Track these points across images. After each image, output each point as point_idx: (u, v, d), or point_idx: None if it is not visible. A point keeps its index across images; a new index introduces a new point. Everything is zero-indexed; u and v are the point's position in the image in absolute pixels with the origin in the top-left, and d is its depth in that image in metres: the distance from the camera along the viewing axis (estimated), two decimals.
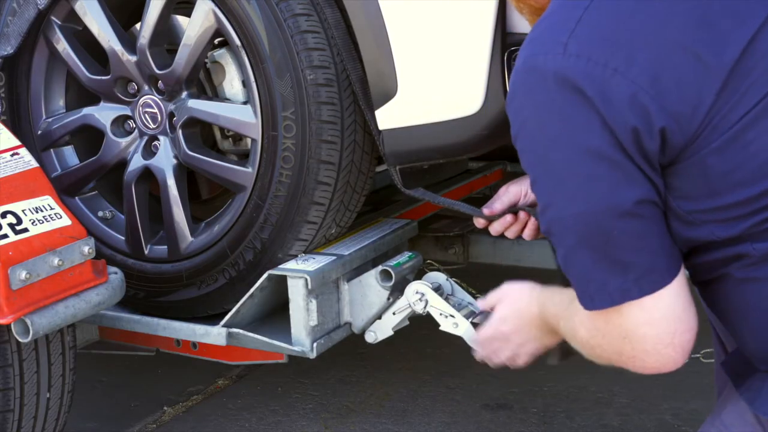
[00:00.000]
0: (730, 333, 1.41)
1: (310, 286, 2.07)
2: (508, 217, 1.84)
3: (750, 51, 1.23)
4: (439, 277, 2.12)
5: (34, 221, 1.92)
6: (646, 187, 1.24)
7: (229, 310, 2.21)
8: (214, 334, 2.23)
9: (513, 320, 1.60)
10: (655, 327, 1.27)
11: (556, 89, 1.24)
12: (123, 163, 2.38)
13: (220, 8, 2.12)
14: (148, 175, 2.35)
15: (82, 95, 2.49)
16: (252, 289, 2.15)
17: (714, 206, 1.26)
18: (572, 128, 1.24)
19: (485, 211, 1.84)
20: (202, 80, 2.30)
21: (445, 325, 2.06)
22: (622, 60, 1.22)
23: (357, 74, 2.06)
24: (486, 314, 1.96)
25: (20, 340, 1.88)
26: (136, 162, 2.35)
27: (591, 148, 1.23)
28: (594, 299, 1.29)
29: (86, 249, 1.97)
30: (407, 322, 2.18)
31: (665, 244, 1.28)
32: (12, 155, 2.03)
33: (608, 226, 1.25)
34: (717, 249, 1.29)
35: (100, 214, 2.47)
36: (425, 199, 2.15)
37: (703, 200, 1.26)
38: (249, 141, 2.20)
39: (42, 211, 1.95)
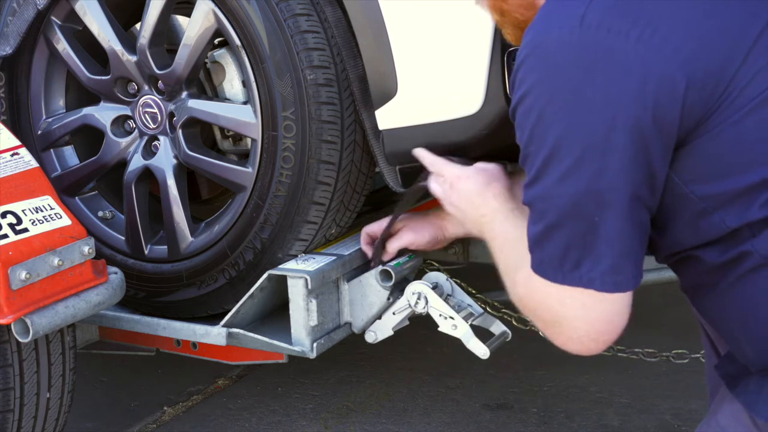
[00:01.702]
0: (725, 340, 1.41)
1: (310, 286, 2.07)
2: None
3: (765, 33, 1.22)
4: (439, 277, 2.13)
5: (34, 221, 1.92)
6: (647, 180, 1.22)
7: (229, 310, 2.21)
8: (214, 334, 2.23)
9: (471, 187, 1.65)
10: (590, 325, 1.29)
11: (569, 61, 1.20)
12: (123, 163, 2.38)
13: (220, 8, 2.12)
14: (148, 175, 2.35)
15: (82, 95, 2.49)
16: (252, 289, 2.15)
17: (728, 189, 1.23)
18: (583, 101, 1.20)
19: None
20: (202, 80, 2.30)
21: (444, 327, 2.06)
22: (644, 29, 1.18)
23: (357, 73, 2.06)
24: (485, 316, 2.00)
25: (20, 340, 1.88)
26: (136, 162, 2.35)
27: (597, 124, 1.19)
28: (555, 272, 1.28)
29: (86, 249, 1.97)
30: (407, 322, 2.17)
31: (636, 248, 1.26)
32: (12, 155, 2.03)
33: (596, 213, 1.23)
34: (716, 250, 1.28)
35: (100, 214, 2.47)
36: None
37: (717, 182, 1.23)
38: (249, 141, 2.20)
39: (42, 211, 1.95)
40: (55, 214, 1.97)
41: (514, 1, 1.41)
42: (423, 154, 1.89)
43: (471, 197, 1.64)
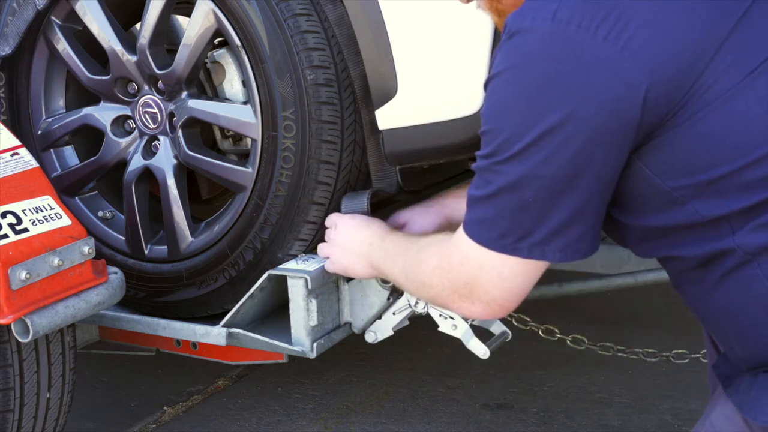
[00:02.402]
0: (716, 337, 1.42)
1: (310, 286, 2.07)
2: None
3: (742, 23, 1.23)
4: None
5: (34, 221, 1.92)
6: (594, 172, 1.26)
7: (229, 310, 2.21)
8: (214, 334, 2.23)
9: (354, 224, 1.90)
10: (503, 291, 1.39)
11: (541, 51, 1.25)
12: (123, 163, 2.38)
13: (220, 8, 2.12)
14: (148, 175, 2.35)
15: (82, 95, 2.49)
16: (252, 289, 2.15)
17: (699, 181, 1.25)
18: (549, 90, 1.25)
19: None
20: (202, 80, 2.30)
21: (444, 327, 2.06)
22: (613, 25, 1.21)
23: (358, 71, 2.06)
24: None
25: (20, 340, 1.88)
26: (136, 162, 2.35)
27: (557, 114, 1.24)
28: (482, 236, 1.36)
29: (86, 249, 1.97)
30: (407, 322, 2.17)
31: (572, 232, 1.31)
32: (12, 155, 2.03)
33: (534, 195, 1.29)
34: (693, 243, 1.29)
35: (100, 214, 2.47)
36: None
37: (687, 176, 1.26)
38: (249, 141, 2.20)
39: (42, 211, 1.95)
40: (55, 214, 1.97)
41: (507, 1, 1.44)
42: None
43: (356, 230, 1.88)
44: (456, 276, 1.44)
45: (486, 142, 1.33)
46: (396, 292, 2.12)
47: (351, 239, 1.88)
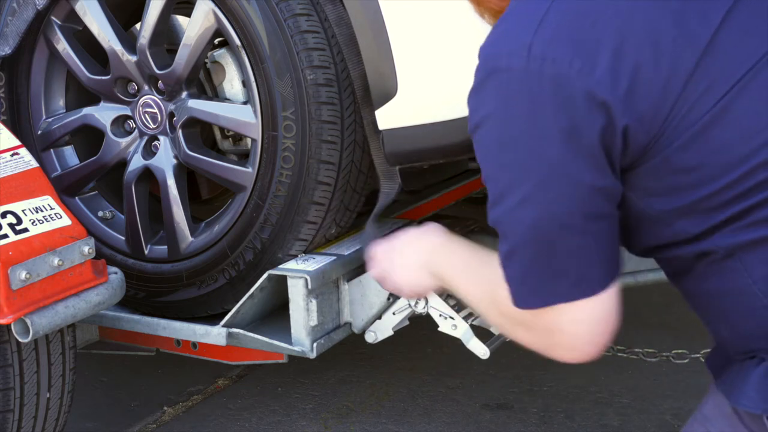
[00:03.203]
0: (705, 323, 1.43)
1: (310, 286, 2.07)
2: None
3: (710, 49, 1.23)
4: None
5: (34, 221, 1.92)
6: (602, 198, 1.25)
7: (229, 310, 2.21)
8: (214, 334, 2.23)
9: (408, 239, 1.68)
10: (581, 326, 1.31)
11: (520, 92, 1.24)
12: (123, 163, 2.38)
13: (220, 8, 2.12)
14: (148, 175, 2.35)
15: (82, 95, 2.49)
16: (252, 289, 2.15)
17: (683, 204, 1.26)
18: (535, 131, 1.24)
19: None
20: (202, 80, 2.30)
21: (444, 327, 2.06)
22: (586, 60, 1.21)
23: (358, 71, 2.06)
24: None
25: (20, 340, 1.88)
26: (136, 162, 2.35)
27: (550, 153, 1.23)
28: (527, 301, 1.32)
29: (86, 249, 1.97)
30: (407, 322, 2.17)
31: (606, 255, 1.29)
32: (12, 155, 2.03)
33: (555, 234, 1.26)
34: (686, 245, 1.30)
35: (100, 214, 2.47)
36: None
37: (672, 199, 1.27)
38: (249, 141, 2.20)
39: (42, 211, 1.95)
40: (55, 214, 1.97)
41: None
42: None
43: (412, 244, 1.67)
44: (536, 335, 1.37)
45: (490, 188, 1.32)
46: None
47: (409, 257, 1.68)
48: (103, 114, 2.39)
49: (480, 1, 1.46)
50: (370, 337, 2.18)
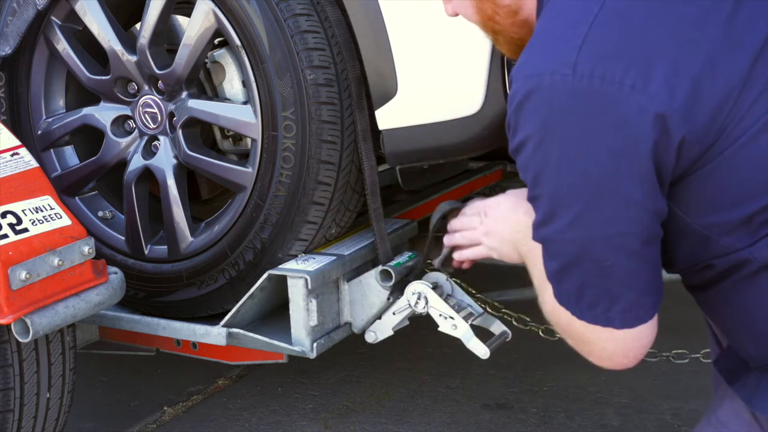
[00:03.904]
0: (728, 337, 1.42)
1: (310, 286, 2.07)
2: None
3: (762, 56, 1.22)
4: (439, 277, 2.12)
5: (34, 221, 1.92)
6: (653, 219, 1.23)
7: (229, 310, 2.21)
8: (214, 334, 2.23)
9: (503, 209, 1.59)
10: (618, 346, 1.31)
11: (566, 111, 1.20)
12: (123, 163, 2.38)
13: (220, 8, 2.12)
14: (148, 175, 2.35)
15: (82, 95, 2.49)
16: (252, 289, 2.15)
17: (730, 219, 1.24)
18: (584, 151, 1.21)
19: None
20: (202, 80, 2.30)
21: (444, 327, 2.06)
22: (639, 75, 1.18)
23: (355, 73, 2.06)
24: (485, 317, 1.96)
25: (20, 340, 1.88)
26: (136, 162, 2.35)
27: (600, 173, 1.21)
28: (575, 310, 1.31)
29: (86, 249, 1.97)
30: (407, 322, 2.17)
31: (655, 281, 1.28)
32: (12, 155, 2.03)
33: (607, 255, 1.24)
34: (724, 257, 1.28)
35: (100, 214, 2.47)
36: None
37: (717, 213, 1.25)
38: (249, 141, 2.20)
39: (42, 211, 1.95)
40: (55, 214, 1.97)
41: (504, 21, 1.41)
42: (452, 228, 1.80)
43: (505, 216, 1.60)
44: (570, 334, 1.37)
45: (538, 208, 1.29)
46: (396, 292, 2.13)
47: (502, 225, 1.61)
48: (103, 114, 2.39)
49: (497, 30, 1.43)
50: (370, 337, 2.18)
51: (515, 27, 1.40)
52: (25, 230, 1.90)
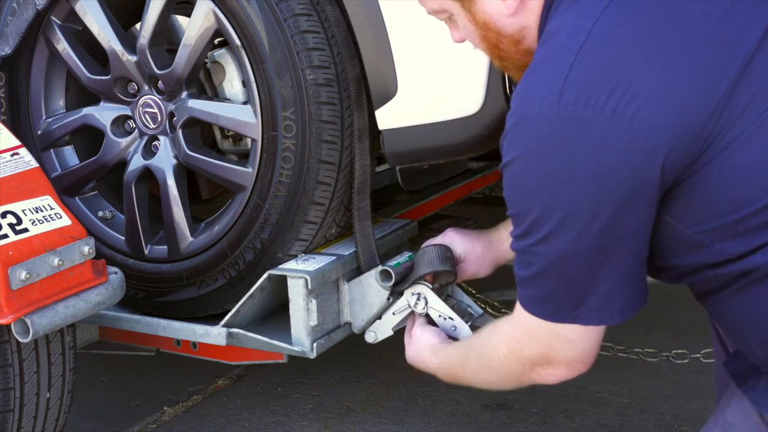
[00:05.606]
0: (736, 342, 1.42)
1: (310, 286, 2.07)
2: None
3: (747, 71, 1.23)
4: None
5: (34, 221, 1.92)
6: (627, 234, 1.27)
7: (229, 310, 2.21)
8: (214, 334, 2.23)
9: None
10: (576, 353, 1.42)
11: (551, 135, 1.25)
12: (123, 163, 2.38)
13: (220, 8, 2.12)
14: (148, 175, 2.35)
15: (82, 95, 2.49)
16: (252, 289, 2.15)
17: (721, 224, 1.26)
18: (564, 173, 1.25)
19: None
20: (202, 80, 2.30)
21: (444, 327, 2.06)
22: (621, 99, 1.21)
23: (354, 73, 2.06)
24: (485, 317, 1.98)
25: (20, 340, 1.88)
26: (136, 162, 2.35)
27: (576, 194, 1.25)
28: (540, 310, 1.38)
29: (86, 249, 1.97)
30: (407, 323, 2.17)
31: (626, 290, 1.34)
32: (12, 155, 2.03)
33: (577, 269, 1.30)
34: (726, 266, 1.30)
35: (100, 214, 2.47)
36: None
37: (709, 220, 1.27)
38: (249, 141, 2.20)
39: (42, 211, 1.95)
40: (55, 214, 1.97)
41: (509, 49, 1.46)
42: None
43: (416, 340, 1.85)
44: (530, 351, 1.45)
45: (516, 224, 1.35)
46: (396, 293, 2.12)
47: (418, 344, 1.86)
48: (103, 114, 2.39)
49: (503, 57, 1.48)
50: (370, 337, 2.18)
51: (519, 55, 1.45)
52: (25, 230, 1.90)
